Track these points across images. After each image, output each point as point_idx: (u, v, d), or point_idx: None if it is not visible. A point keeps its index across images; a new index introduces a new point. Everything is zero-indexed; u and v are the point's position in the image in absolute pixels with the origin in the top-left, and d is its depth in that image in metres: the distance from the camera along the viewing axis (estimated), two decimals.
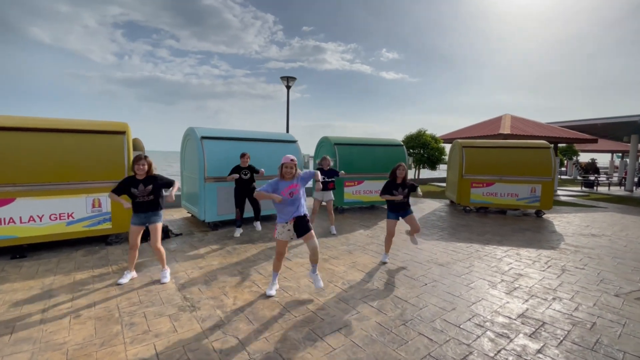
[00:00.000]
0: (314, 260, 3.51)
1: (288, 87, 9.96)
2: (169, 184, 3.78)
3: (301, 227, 3.43)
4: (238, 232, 5.89)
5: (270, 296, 3.46)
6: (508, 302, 3.52)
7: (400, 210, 4.55)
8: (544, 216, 8.48)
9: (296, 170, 3.43)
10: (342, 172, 6.20)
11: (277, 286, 3.63)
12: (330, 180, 6.03)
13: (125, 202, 3.65)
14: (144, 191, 3.64)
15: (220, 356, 2.50)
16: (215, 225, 6.35)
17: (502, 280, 4.11)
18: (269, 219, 7.14)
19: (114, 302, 3.33)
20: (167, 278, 3.86)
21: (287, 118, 9.98)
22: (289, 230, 3.42)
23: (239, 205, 5.86)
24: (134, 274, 3.92)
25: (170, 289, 3.65)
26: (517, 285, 3.98)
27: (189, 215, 7.45)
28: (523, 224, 7.44)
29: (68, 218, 4.83)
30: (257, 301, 3.38)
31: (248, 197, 5.91)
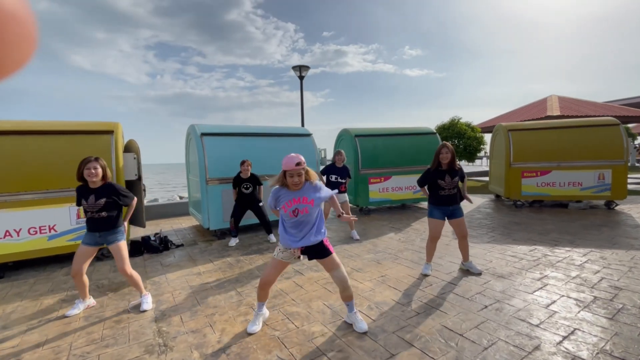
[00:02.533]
0: (346, 297, 2.48)
1: (301, 78, 9.12)
2: (125, 201, 2.95)
3: (316, 251, 2.42)
4: (234, 241, 5.05)
5: (251, 333, 2.48)
6: (617, 334, 2.36)
7: (449, 204, 3.45)
8: (616, 208, 6.94)
9: (308, 176, 2.33)
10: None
11: (264, 315, 2.63)
12: (342, 181, 5.07)
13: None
14: (94, 205, 2.80)
15: None
16: (222, 233, 5.57)
17: (596, 298, 2.92)
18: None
19: (69, 338, 2.56)
20: (149, 305, 3.02)
21: (301, 111, 9.12)
22: (292, 253, 2.43)
23: (235, 215, 5.03)
24: (90, 301, 3.09)
25: (145, 318, 2.84)
26: (619, 305, 2.79)
27: (198, 223, 6.76)
28: (595, 219, 6.01)
29: (50, 231, 4.21)
30: (250, 337, 2.48)
31: (252, 209, 5.05)
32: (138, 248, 4.72)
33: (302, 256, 2.46)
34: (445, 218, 3.51)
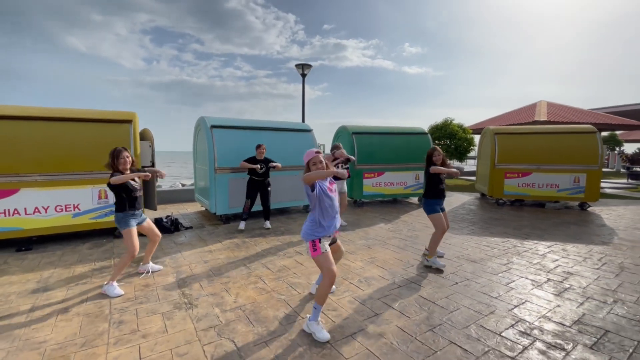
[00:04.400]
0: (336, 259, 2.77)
1: (303, 76, 9.57)
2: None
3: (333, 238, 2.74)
4: (242, 224, 5.53)
5: (325, 341, 2.37)
6: (559, 306, 2.93)
7: (444, 197, 3.95)
8: (589, 209, 7.57)
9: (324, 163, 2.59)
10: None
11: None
12: (345, 167, 5.57)
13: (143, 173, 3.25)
14: (139, 184, 3.35)
15: None
16: (227, 219, 6.06)
17: (549, 280, 3.49)
18: (282, 212, 6.78)
19: (107, 297, 3.05)
20: (158, 266, 3.76)
21: (302, 107, 9.58)
22: (332, 238, 2.66)
23: (250, 197, 5.54)
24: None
25: (169, 284, 3.34)
26: (567, 286, 3.36)
27: (203, 208, 7.23)
28: (567, 217, 6.63)
29: (74, 210, 4.67)
30: (261, 299, 3.00)
31: (260, 191, 5.57)
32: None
33: None
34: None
